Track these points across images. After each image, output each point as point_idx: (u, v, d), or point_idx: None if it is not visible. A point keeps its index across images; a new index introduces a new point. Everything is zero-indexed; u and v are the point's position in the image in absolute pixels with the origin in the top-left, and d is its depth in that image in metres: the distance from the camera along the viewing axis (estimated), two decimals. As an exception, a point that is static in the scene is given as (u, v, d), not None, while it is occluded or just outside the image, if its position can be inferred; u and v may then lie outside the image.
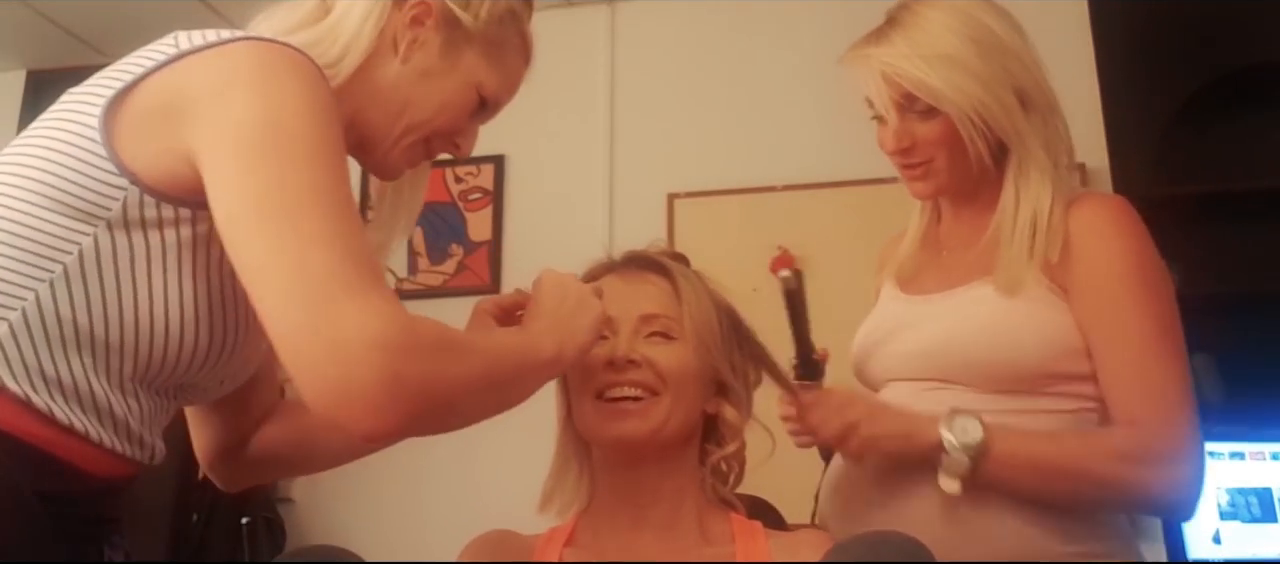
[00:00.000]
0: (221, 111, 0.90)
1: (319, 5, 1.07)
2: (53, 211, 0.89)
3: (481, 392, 0.98)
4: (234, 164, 0.88)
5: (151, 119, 0.91)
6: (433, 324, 0.92)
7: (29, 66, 3.37)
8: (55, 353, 0.88)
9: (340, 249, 0.87)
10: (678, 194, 2.82)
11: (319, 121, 0.91)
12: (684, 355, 1.19)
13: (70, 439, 0.89)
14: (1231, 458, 2.15)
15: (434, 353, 0.89)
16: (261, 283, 0.87)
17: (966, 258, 1.33)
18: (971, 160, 1.27)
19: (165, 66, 0.93)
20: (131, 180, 0.90)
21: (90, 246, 0.89)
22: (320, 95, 0.93)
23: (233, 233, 0.88)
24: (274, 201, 0.87)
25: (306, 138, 0.90)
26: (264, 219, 0.87)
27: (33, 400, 0.86)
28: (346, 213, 0.90)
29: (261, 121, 0.89)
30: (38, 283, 0.88)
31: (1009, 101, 1.26)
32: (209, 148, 0.89)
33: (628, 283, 1.24)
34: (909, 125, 1.29)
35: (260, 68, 0.92)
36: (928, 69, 1.25)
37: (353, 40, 1.04)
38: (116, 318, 0.90)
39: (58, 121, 0.93)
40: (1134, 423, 1.19)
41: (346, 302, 0.84)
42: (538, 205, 2.92)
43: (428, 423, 0.91)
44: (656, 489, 1.19)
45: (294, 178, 0.88)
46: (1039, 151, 1.28)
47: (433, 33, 1.08)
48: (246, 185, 0.88)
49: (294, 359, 0.85)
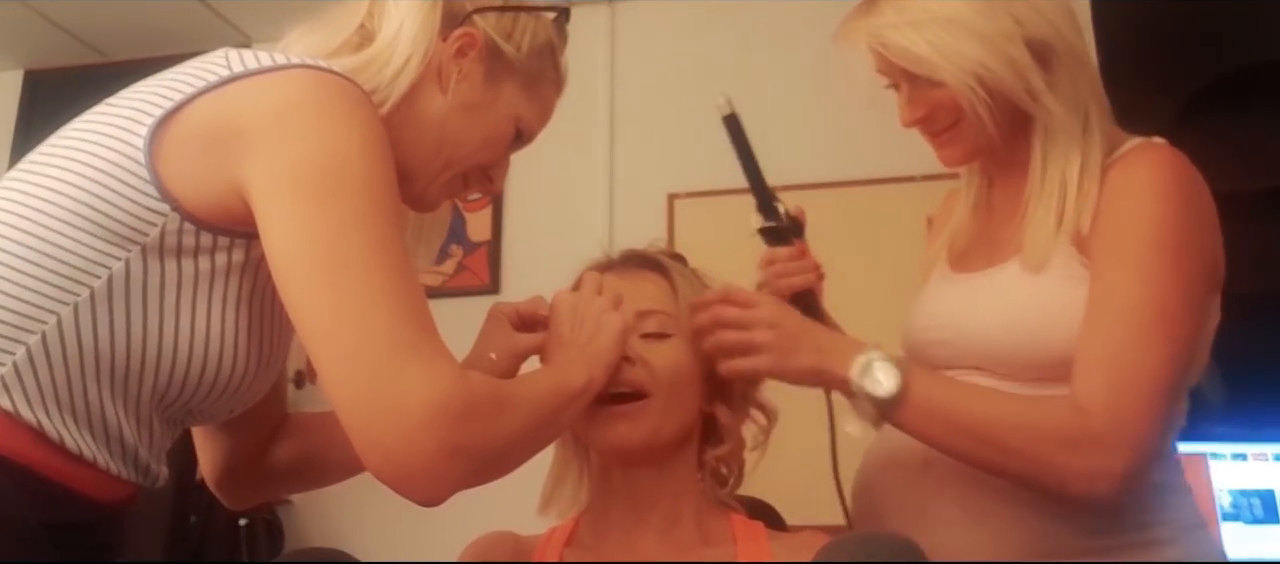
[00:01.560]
0: (278, 146, 0.87)
1: (361, 30, 1.04)
2: (85, 232, 0.85)
3: (530, 440, 0.98)
4: (292, 205, 0.86)
5: (199, 144, 0.88)
6: (484, 382, 0.91)
7: (27, 66, 3.36)
8: (72, 379, 0.85)
9: (403, 309, 0.85)
10: (678, 194, 2.82)
11: (379, 163, 0.89)
12: (679, 355, 1.18)
13: (79, 467, 0.87)
14: (1233, 459, 2.15)
15: (489, 414, 0.88)
16: (323, 340, 0.85)
17: (1009, 230, 1.21)
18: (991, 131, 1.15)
19: (215, 89, 0.89)
20: (173, 206, 0.87)
21: (121, 271, 0.86)
22: (379, 133, 0.91)
23: (291, 280, 0.86)
24: (336, 253, 0.85)
25: (367, 181, 0.87)
26: (326, 270, 0.85)
27: (45, 427, 0.84)
28: (407, 266, 0.89)
29: (321, 160, 0.86)
30: (61, 306, 0.85)
31: (1020, 57, 1.13)
32: (263, 183, 0.86)
33: (623, 280, 1.23)
34: (921, 92, 1.19)
35: (319, 100, 0.89)
36: (915, 35, 1.14)
37: (401, 70, 1.01)
38: (139, 345, 0.87)
39: (97, 135, 0.89)
40: (1083, 410, 1.05)
41: (410, 367, 0.83)
42: (537, 205, 2.92)
43: (480, 481, 0.90)
44: (656, 490, 1.19)
45: (356, 226, 0.86)
46: (1061, 111, 1.14)
47: (476, 64, 1.06)
48: (306, 231, 0.85)
49: (355, 424, 0.84)
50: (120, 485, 0.92)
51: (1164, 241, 1.09)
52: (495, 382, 0.95)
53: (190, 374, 0.90)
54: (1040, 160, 1.17)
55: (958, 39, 1.13)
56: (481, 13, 1.07)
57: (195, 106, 0.89)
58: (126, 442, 0.90)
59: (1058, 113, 1.14)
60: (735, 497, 1.24)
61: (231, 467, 1.17)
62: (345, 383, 0.84)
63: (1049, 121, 1.15)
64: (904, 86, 1.20)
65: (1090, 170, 1.15)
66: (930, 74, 1.15)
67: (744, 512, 1.23)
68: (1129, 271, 1.09)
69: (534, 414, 0.98)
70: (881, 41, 1.17)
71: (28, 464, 0.83)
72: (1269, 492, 2.14)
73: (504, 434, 0.91)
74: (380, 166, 0.89)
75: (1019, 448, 1.07)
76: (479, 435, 0.86)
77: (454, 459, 0.84)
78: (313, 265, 0.85)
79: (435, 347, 0.86)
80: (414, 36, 1.02)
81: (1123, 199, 1.12)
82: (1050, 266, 1.14)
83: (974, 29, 1.13)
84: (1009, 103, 1.15)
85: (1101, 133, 1.18)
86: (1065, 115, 1.15)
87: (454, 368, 0.87)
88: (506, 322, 1.20)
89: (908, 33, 1.14)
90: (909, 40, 1.14)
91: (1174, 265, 1.09)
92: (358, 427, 0.84)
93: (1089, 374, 1.07)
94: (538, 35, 1.11)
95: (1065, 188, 1.15)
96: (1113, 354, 1.07)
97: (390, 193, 0.90)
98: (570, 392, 1.04)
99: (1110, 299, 1.09)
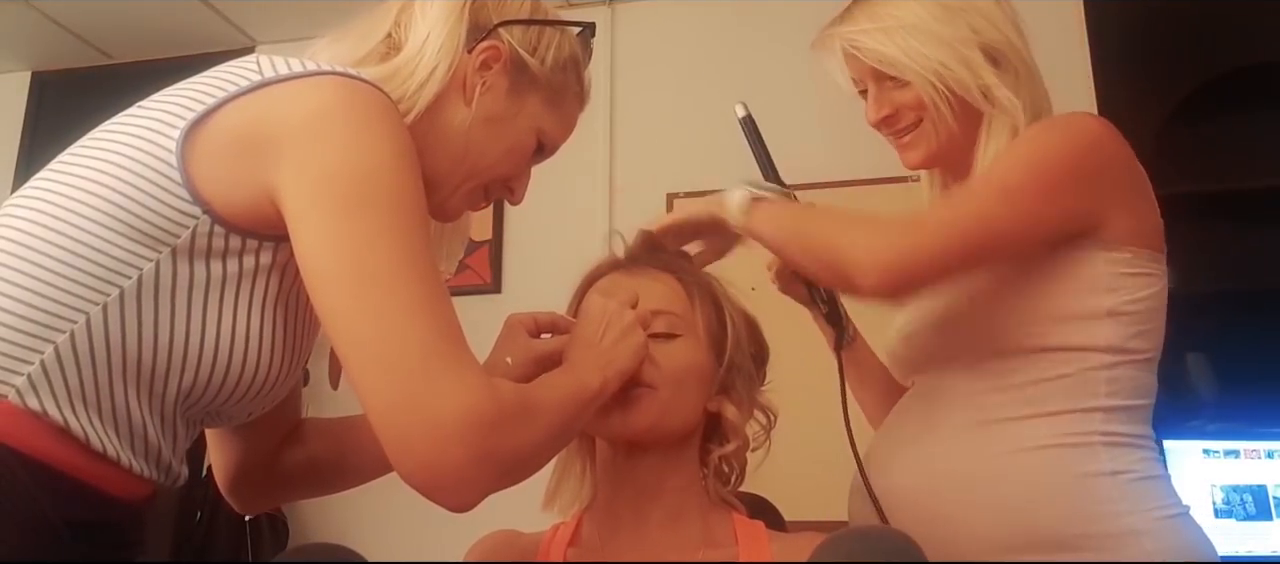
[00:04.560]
0: (309, 153, 0.87)
1: (387, 40, 1.05)
2: (116, 233, 0.86)
3: (553, 443, 1.01)
4: (323, 214, 0.87)
5: (231, 148, 0.88)
6: (511, 390, 0.93)
7: (34, 68, 3.37)
8: (99, 378, 0.86)
9: (436, 320, 0.87)
10: (678, 194, 2.82)
11: (408, 173, 0.90)
12: (686, 353, 1.20)
13: (102, 466, 0.87)
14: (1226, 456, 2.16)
15: (517, 422, 0.90)
16: (357, 351, 0.86)
17: None
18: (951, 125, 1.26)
19: (247, 94, 0.90)
20: (204, 209, 0.87)
21: (150, 272, 0.87)
22: (408, 144, 0.92)
23: (323, 290, 0.87)
24: (368, 263, 0.86)
25: (399, 192, 0.89)
26: (358, 281, 0.86)
27: (71, 426, 0.85)
28: (436, 276, 0.90)
29: (352, 170, 0.87)
30: (91, 305, 0.85)
31: (974, 59, 1.25)
32: (295, 190, 0.87)
33: (633, 277, 1.25)
34: (887, 94, 1.30)
35: (350, 109, 0.90)
36: (886, 39, 1.26)
37: (427, 81, 1.02)
38: (167, 345, 0.88)
39: (129, 137, 0.90)
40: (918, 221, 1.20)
41: (443, 378, 0.85)
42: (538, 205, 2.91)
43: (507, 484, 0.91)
44: (659, 487, 1.20)
45: (387, 237, 0.87)
46: (1009, 105, 1.24)
47: (501, 77, 1.07)
48: (337, 241, 0.86)
49: (389, 435, 0.86)
50: (142, 484, 0.93)
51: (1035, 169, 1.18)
52: (520, 388, 0.96)
53: (216, 374, 0.91)
54: (981, 153, 1.27)
55: (922, 43, 1.25)
56: (507, 26, 1.08)
57: (227, 110, 0.90)
58: (150, 441, 0.91)
59: (1006, 106, 1.25)
60: (736, 495, 1.26)
61: (245, 471, 1.17)
62: (379, 393, 0.85)
63: (996, 116, 1.25)
64: (872, 87, 1.31)
65: None
66: (898, 74, 1.27)
67: (745, 511, 1.24)
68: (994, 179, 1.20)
69: (557, 417, 0.99)
70: (855, 45, 1.29)
71: (52, 462, 0.84)
72: (1261, 488, 2.15)
73: (531, 440, 0.92)
74: (409, 177, 0.90)
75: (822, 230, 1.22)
76: (509, 443, 0.88)
77: (484, 466, 0.86)
78: (345, 275, 0.86)
79: (466, 357, 0.88)
80: (440, 47, 1.03)
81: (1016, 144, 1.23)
82: None
83: (936, 34, 1.25)
84: (964, 103, 1.25)
85: None
86: (1012, 110, 1.25)
87: (484, 378, 0.88)
88: (522, 329, 1.21)
89: (878, 37, 1.27)
90: (880, 43, 1.27)
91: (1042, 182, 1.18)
92: (391, 435, 0.85)
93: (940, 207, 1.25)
94: (562, 49, 1.12)
95: None
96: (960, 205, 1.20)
97: (419, 203, 0.91)
98: (588, 394, 1.05)
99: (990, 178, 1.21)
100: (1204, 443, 2.16)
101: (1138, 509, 1.15)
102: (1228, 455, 2.16)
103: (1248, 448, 2.17)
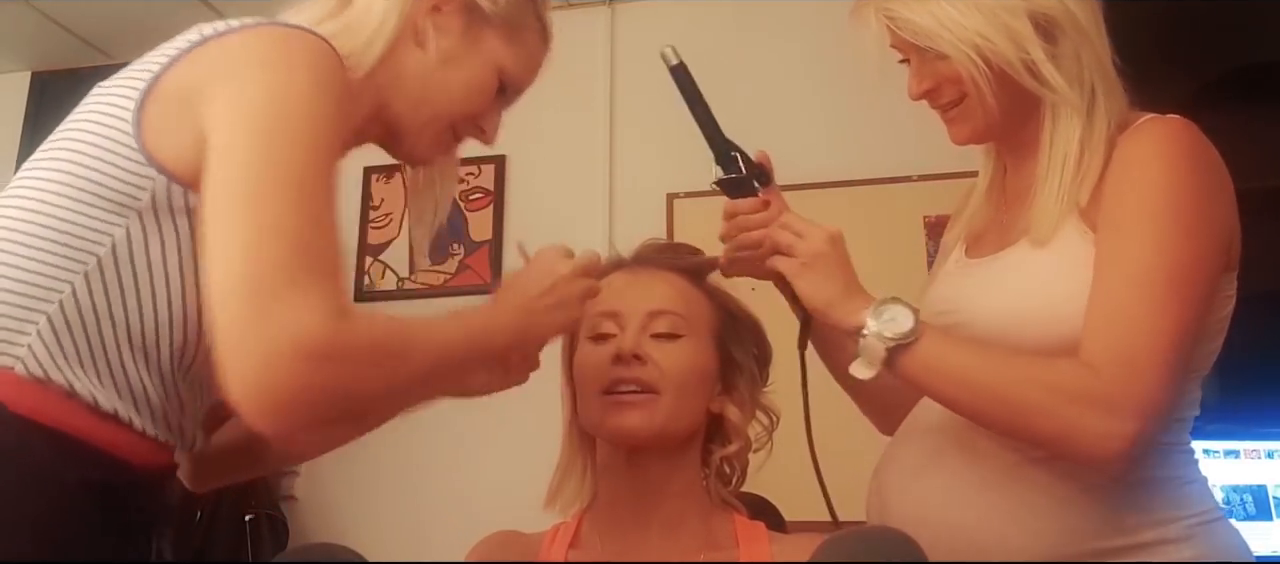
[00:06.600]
0: (231, 92, 0.91)
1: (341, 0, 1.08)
2: (85, 204, 0.90)
3: (421, 387, 0.99)
4: (228, 144, 0.89)
5: (173, 107, 0.92)
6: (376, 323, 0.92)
7: (34, 68, 3.37)
8: (93, 343, 0.89)
9: (300, 243, 0.86)
10: (677, 194, 2.82)
11: (321, 107, 0.92)
12: (689, 355, 1.20)
13: (113, 428, 0.90)
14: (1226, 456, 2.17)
15: (367, 359, 0.88)
16: (212, 266, 0.86)
17: (1020, 214, 1.19)
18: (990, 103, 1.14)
19: (187, 54, 0.95)
20: (159, 169, 0.91)
21: (122, 237, 0.90)
22: (330, 81, 0.94)
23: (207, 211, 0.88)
24: (252, 186, 0.87)
25: (305, 123, 0.90)
26: (231, 201, 0.87)
27: (76, 388, 0.87)
28: (317, 205, 0.89)
29: (264, 104, 0.90)
30: (73, 276, 0.89)
31: (1021, 31, 1.12)
32: (215, 128, 0.90)
33: (637, 277, 1.24)
34: (928, 66, 1.18)
35: (272, 50, 0.94)
36: (920, 7, 1.14)
37: (377, 30, 1.06)
38: (150, 306, 0.91)
39: (89, 116, 0.94)
40: (1093, 367, 1.03)
41: (287, 300, 0.82)
42: (538, 205, 2.93)
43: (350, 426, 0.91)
44: (661, 488, 1.20)
45: (281, 163, 0.88)
46: (1062, 84, 1.12)
47: (453, 18, 1.10)
48: (230, 168, 0.88)
49: (223, 352, 0.84)
50: (154, 447, 0.94)
51: (1174, 209, 1.07)
52: (395, 323, 0.94)
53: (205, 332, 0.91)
54: (1048, 140, 1.15)
55: (960, 11, 1.13)
56: None
57: (170, 73, 0.94)
58: (154, 403, 0.93)
59: (1059, 86, 1.13)
60: (737, 496, 1.26)
61: None
62: (222, 307, 0.84)
63: (1055, 101, 1.14)
64: (913, 59, 1.20)
65: (1092, 144, 1.14)
66: (933, 45, 1.15)
67: (746, 512, 1.23)
68: (1138, 238, 1.06)
69: (434, 358, 0.97)
70: (889, 14, 1.18)
71: (65, 428, 0.86)
72: (1261, 488, 2.15)
73: (381, 381, 0.90)
74: (323, 111, 0.92)
75: (1026, 401, 1.05)
76: (346, 378, 0.85)
77: (313, 397, 0.84)
78: (221, 195, 0.87)
79: (324, 284, 0.85)
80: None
81: (1131, 168, 1.10)
82: (1060, 245, 1.12)
83: (977, 2, 1.13)
84: (1011, 79, 1.13)
85: (1108, 109, 1.16)
86: (1068, 89, 1.13)
87: (332, 307, 0.84)
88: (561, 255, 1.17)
89: (913, 6, 1.15)
90: (914, 12, 1.15)
91: (1184, 234, 1.06)
92: (224, 352, 0.83)
93: (1098, 334, 1.04)
94: None
95: (1067, 162, 1.13)
96: (1123, 315, 1.04)
97: (326, 136, 0.92)
98: (489, 343, 1.04)
99: (1119, 264, 1.06)
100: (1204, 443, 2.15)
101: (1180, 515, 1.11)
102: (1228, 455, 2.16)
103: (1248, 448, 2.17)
